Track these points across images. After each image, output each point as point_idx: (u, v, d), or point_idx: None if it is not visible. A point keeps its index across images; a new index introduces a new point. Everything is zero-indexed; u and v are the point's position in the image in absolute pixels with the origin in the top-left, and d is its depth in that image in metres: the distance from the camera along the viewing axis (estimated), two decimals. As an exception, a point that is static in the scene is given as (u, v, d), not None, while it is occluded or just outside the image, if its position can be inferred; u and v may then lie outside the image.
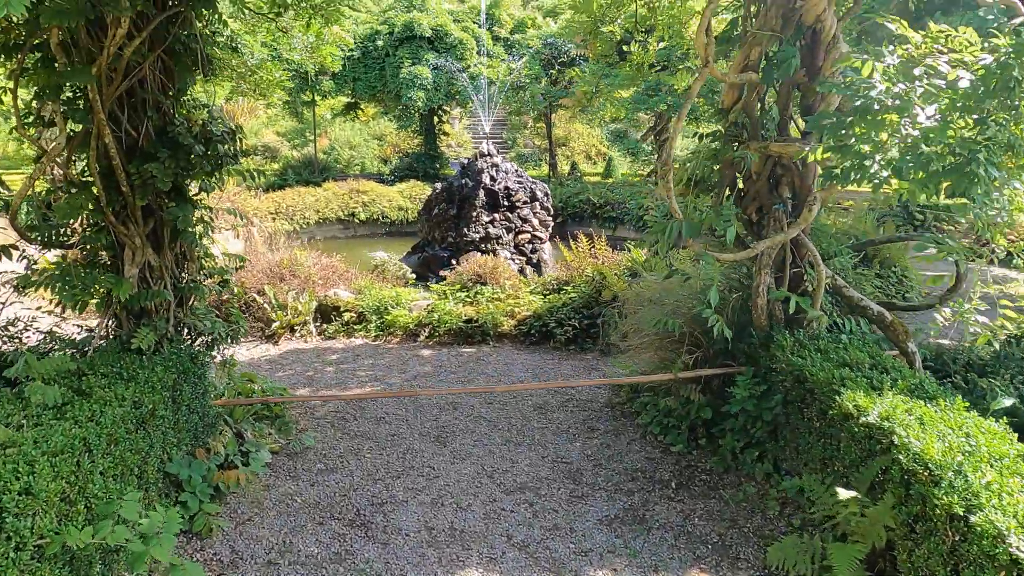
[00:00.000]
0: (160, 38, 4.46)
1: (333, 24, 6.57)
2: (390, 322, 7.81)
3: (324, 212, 19.54)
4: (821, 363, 4.15)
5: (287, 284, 8.22)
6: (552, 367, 6.93)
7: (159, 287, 4.69)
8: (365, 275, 8.88)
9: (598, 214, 21.00)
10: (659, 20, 7.51)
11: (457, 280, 8.50)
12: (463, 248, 14.48)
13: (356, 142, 31.15)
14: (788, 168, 4.98)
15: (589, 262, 8.42)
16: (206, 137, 4.51)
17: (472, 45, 22.16)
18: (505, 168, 15.18)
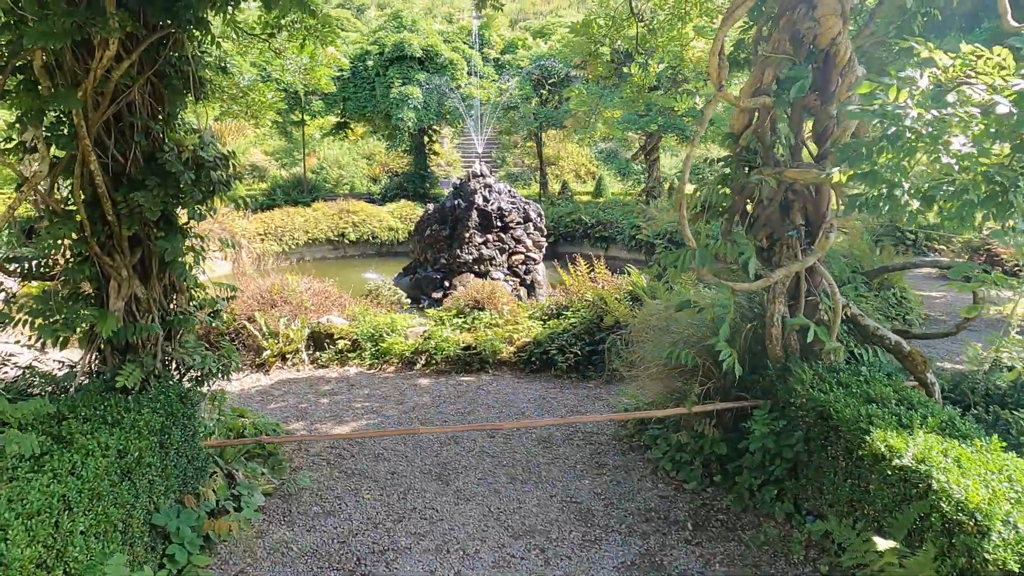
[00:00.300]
0: (150, 60, 4.26)
1: (328, 45, 6.40)
2: (385, 350, 7.56)
3: (313, 233, 19.29)
4: (845, 399, 3.97)
5: (278, 310, 7.96)
6: (555, 396, 6.71)
7: (146, 321, 4.45)
8: (359, 300, 8.64)
9: (590, 234, 20.90)
10: (659, 42, 7.42)
11: (454, 305, 8.29)
12: (456, 270, 14.29)
13: (345, 161, 31.01)
14: (800, 194, 4.84)
15: (589, 286, 8.24)
16: (197, 163, 4.29)
17: (462, 65, 22.15)
18: (498, 188, 15.05)
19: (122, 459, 3.29)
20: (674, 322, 5.65)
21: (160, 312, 4.58)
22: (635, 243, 19.87)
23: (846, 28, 4.28)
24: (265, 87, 6.90)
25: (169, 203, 4.26)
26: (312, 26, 6.30)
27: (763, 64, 4.52)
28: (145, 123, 4.26)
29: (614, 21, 6.96)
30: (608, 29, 6.95)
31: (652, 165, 23.77)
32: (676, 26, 7.25)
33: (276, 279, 8.46)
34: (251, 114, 7.18)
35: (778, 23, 4.48)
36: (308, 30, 6.31)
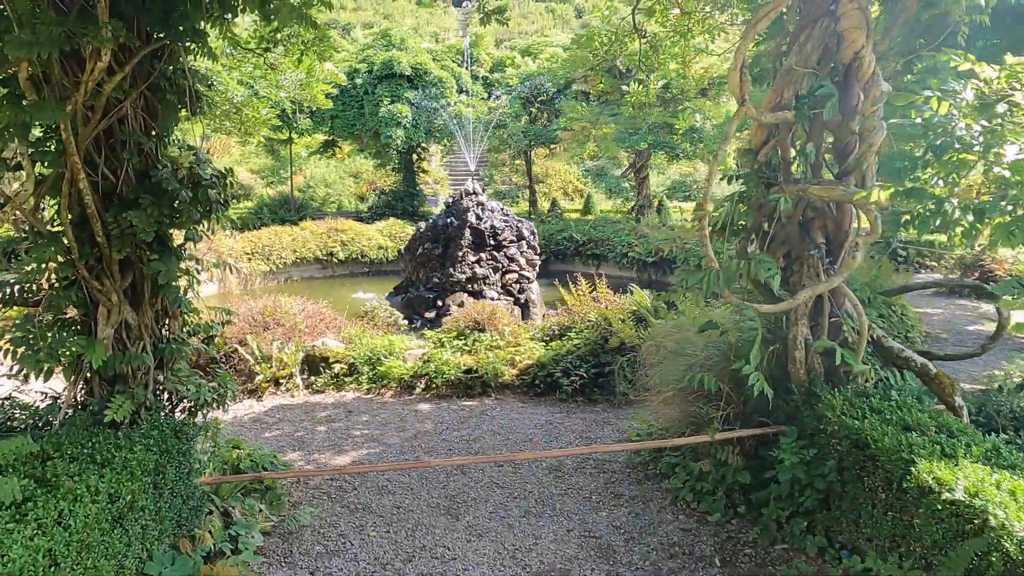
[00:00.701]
0: (143, 73, 4.03)
1: (326, 60, 6.21)
2: (383, 373, 7.29)
3: (302, 252, 18.97)
4: (881, 426, 3.78)
5: (271, 333, 7.66)
6: (561, 421, 6.47)
7: (137, 349, 4.17)
8: (354, 322, 8.36)
9: (581, 251, 20.80)
10: (661, 59, 7.31)
11: (453, 327, 8.04)
12: (449, 289, 14.04)
13: (332, 180, 30.74)
14: (821, 212, 4.69)
15: (592, 306, 8.04)
16: (194, 181, 4.05)
17: (452, 83, 22.09)
18: (491, 206, 14.89)
19: (113, 504, 3.00)
20: (689, 344, 5.45)
21: (152, 339, 4.30)
22: (627, 260, 19.78)
23: (869, 42, 4.16)
24: (260, 103, 6.67)
25: (164, 223, 4.01)
26: (309, 41, 6.11)
27: (783, 79, 4.39)
28: (138, 139, 4.02)
29: (616, 36, 6.83)
30: (610, 44, 6.82)
31: (642, 183, 23.80)
32: (677, 43, 7.15)
33: (268, 301, 8.16)
34: (245, 131, 6.95)
35: (798, 37, 4.35)
36: (305, 45, 6.12)
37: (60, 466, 3.13)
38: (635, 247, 19.57)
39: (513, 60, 24.69)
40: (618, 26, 7.13)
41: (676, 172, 33.83)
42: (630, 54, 7.31)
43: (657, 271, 19.46)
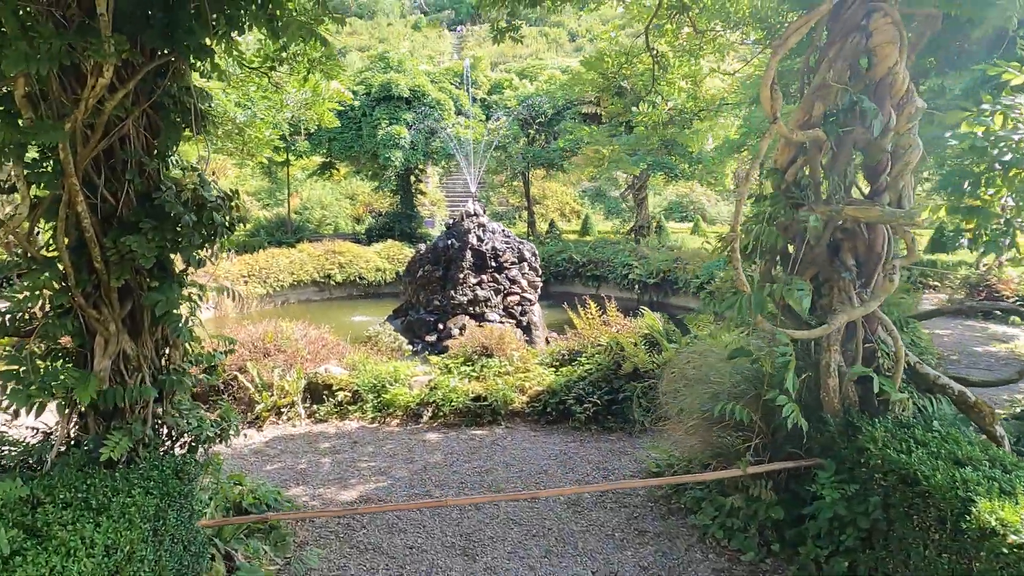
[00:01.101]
0: (146, 91, 3.84)
1: (332, 79, 6.05)
2: (389, 401, 7.03)
3: (299, 274, 18.73)
4: (930, 460, 3.56)
5: (272, 360, 7.40)
6: (576, 451, 6.21)
7: (136, 381, 3.92)
8: (357, 347, 8.10)
9: (581, 273, 20.64)
10: (670, 78, 7.19)
11: (460, 352, 7.79)
12: (450, 311, 13.81)
13: (328, 201, 30.64)
14: (851, 233, 4.51)
15: (603, 330, 7.82)
16: (198, 204, 3.84)
17: (450, 106, 22.08)
18: (492, 228, 14.73)
19: (110, 557, 2.74)
20: (713, 371, 5.24)
21: (152, 370, 4.06)
22: (627, 282, 19.62)
23: (903, 57, 4.02)
24: (263, 124, 6.49)
25: (166, 248, 3.78)
26: (316, 59, 5.95)
27: (813, 96, 4.24)
28: (139, 159, 3.81)
29: (627, 57, 6.71)
30: (620, 65, 6.70)
31: (641, 204, 23.74)
32: (687, 63, 7.03)
33: (269, 326, 7.90)
34: (247, 152, 6.75)
35: (827, 52, 4.21)
36: (312, 63, 5.96)
37: (52, 513, 2.87)
38: (636, 268, 19.43)
39: (511, 82, 24.74)
40: (627, 46, 7.02)
41: (673, 193, 33.92)
42: (639, 75, 7.18)
43: (658, 292, 19.29)
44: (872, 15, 4.00)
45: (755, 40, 7.09)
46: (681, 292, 18.62)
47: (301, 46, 5.78)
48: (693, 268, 18.20)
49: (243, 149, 6.44)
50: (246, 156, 6.60)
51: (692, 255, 18.94)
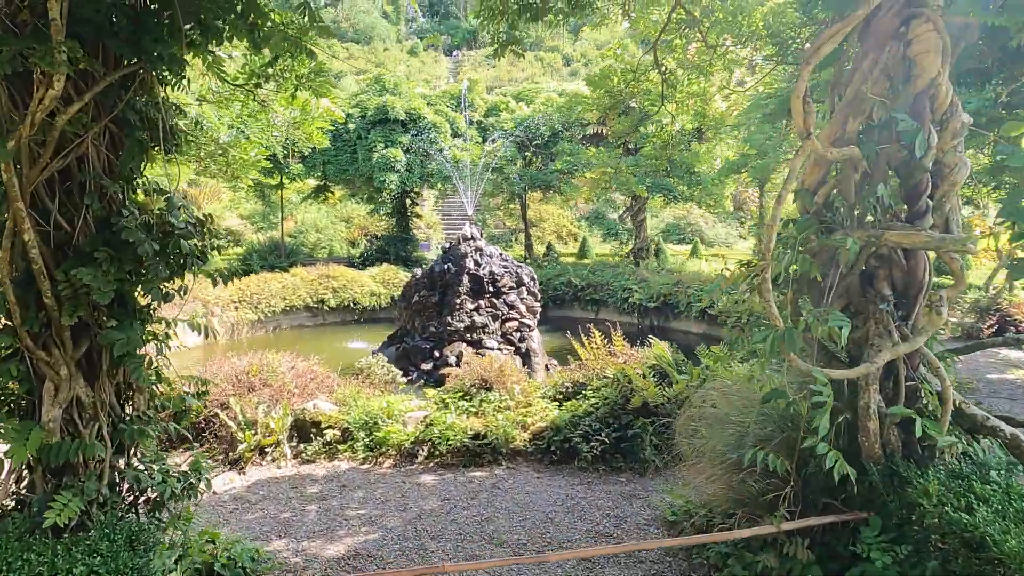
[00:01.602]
0: (108, 105, 3.44)
1: (322, 97, 5.67)
2: (381, 440, 6.54)
3: (291, 299, 18.28)
4: (998, 521, 3.11)
5: (256, 395, 6.92)
6: (583, 495, 5.73)
7: (91, 432, 3.46)
8: (348, 380, 7.61)
9: (580, 297, 20.25)
10: (679, 97, 6.85)
11: (458, 385, 7.32)
12: (447, 338, 13.36)
13: (323, 225, 30.28)
14: (887, 260, 4.11)
15: (609, 360, 7.38)
16: (164, 231, 3.42)
17: (446, 128, 21.84)
18: (489, 252, 14.34)
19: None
20: (735, 410, 4.79)
21: (111, 419, 3.60)
22: (627, 306, 19.22)
23: (946, 68, 3.65)
24: (248, 144, 6.10)
25: (126, 281, 3.35)
26: (304, 75, 5.58)
27: (847, 110, 3.86)
28: (99, 182, 3.40)
29: (634, 75, 6.38)
30: (628, 82, 6.35)
31: (639, 226, 23.44)
32: (696, 80, 6.70)
33: (255, 358, 7.43)
34: (231, 173, 6.35)
35: (861, 63, 3.85)
36: (300, 79, 5.58)
37: (-27, 601, 2.40)
38: (636, 292, 19.04)
39: (507, 105, 24.55)
40: (633, 64, 6.69)
41: (670, 215, 33.70)
42: (646, 93, 6.83)
43: (659, 316, 18.89)
44: (911, 22, 3.64)
45: (765, 56, 6.77)
46: (683, 316, 18.22)
47: (289, 62, 5.41)
48: (694, 292, 17.83)
49: (227, 171, 6.03)
50: (230, 178, 6.19)
51: (693, 278, 18.58)
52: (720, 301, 16.58)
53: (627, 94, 6.30)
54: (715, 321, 17.18)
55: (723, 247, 31.90)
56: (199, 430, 6.92)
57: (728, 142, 21.77)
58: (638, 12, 6.07)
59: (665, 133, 6.53)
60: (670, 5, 5.98)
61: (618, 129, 6.05)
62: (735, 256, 27.80)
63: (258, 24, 3.99)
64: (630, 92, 6.19)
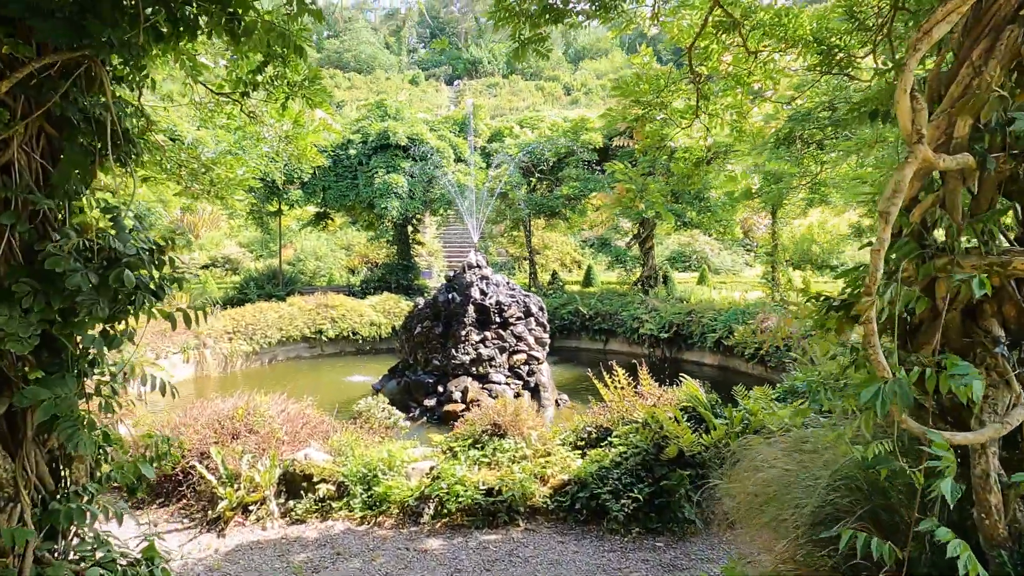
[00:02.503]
0: (42, 102, 2.75)
1: (316, 107, 5.02)
2: (381, 496, 5.74)
3: (288, 330, 17.53)
4: None
5: (242, 442, 6.13)
6: (618, 566, 4.91)
7: (10, 515, 2.69)
8: (345, 425, 6.81)
9: (588, 326, 19.50)
10: (712, 109, 6.20)
11: (468, 431, 6.52)
12: (451, 372, 12.59)
13: (323, 252, 29.70)
14: (999, 292, 3.38)
15: (636, 403, 6.60)
16: (108, 258, 2.69)
17: (449, 153, 21.32)
18: (496, 280, 13.63)
19: None
20: (803, 471, 4.02)
21: (39, 497, 2.84)
22: (637, 336, 18.47)
23: (1080, 56, 2.97)
24: (235, 161, 5.43)
25: (56, 323, 2.62)
26: (297, 83, 4.93)
27: (951, 110, 3.17)
28: (27, 198, 2.68)
29: (667, 81, 5.73)
30: (660, 90, 5.70)
31: (647, 253, 22.78)
32: (733, 91, 6.05)
33: (240, 401, 6.65)
34: (216, 193, 5.68)
35: (970, 54, 3.17)
36: (292, 87, 4.93)
37: None
38: (647, 322, 18.28)
39: (511, 130, 24.10)
40: (663, 72, 6.05)
41: (675, 242, 33.10)
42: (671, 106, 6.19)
43: (671, 347, 18.12)
44: (1036, 1, 2.97)
45: (808, 66, 6.13)
46: (696, 347, 17.44)
47: (280, 68, 4.75)
48: (708, 321, 17.08)
49: (212, 191, 5.38)
50: (215, 198, 5.53)
51: (706, 307, 17.83)
52: (737, 331, 15.84)
53: (656, 104, 5.64)
54: (731, 352, 16.39)
55: (729, 274, 31.24)
56: (176, 483, 6.13)
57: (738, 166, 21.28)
58: (670, 13, 5.44)
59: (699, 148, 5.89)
60: (705, 7, 5.36)
61: (648, 142, 5.49)
62: (742, 284, 27.11)
63: (238, 13, 3.33)
64: (660, 102, 5.52)
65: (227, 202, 5.63)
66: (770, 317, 15.71)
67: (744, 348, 15.52)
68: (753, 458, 4.47)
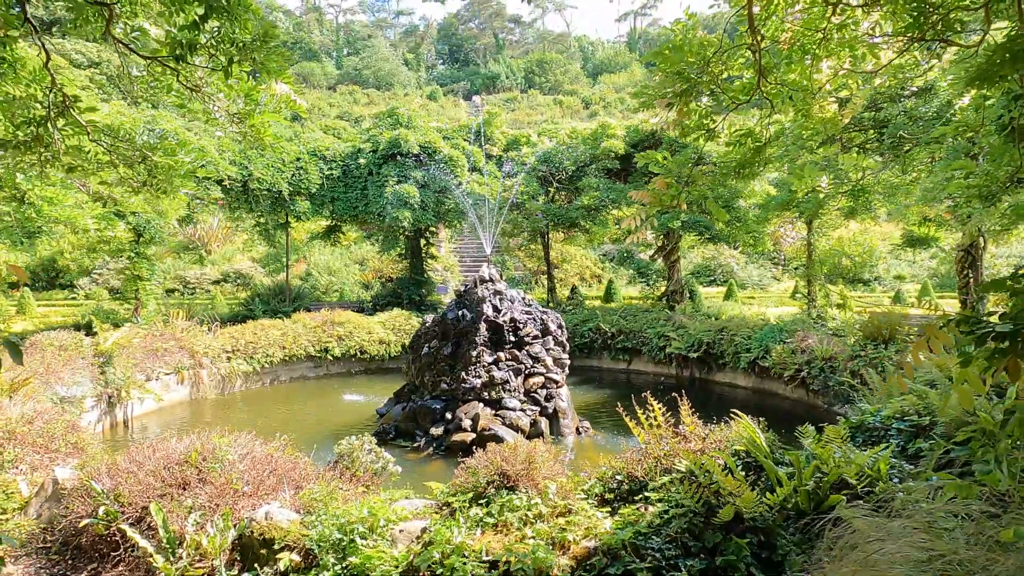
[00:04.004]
0: None
1: (274, 78, 3.94)
2: (358, 569, 4.55)
3: (291, 348, 16.52)
4: None
5: (191, 495, 4.99)
6: None
7: None
8: (321, 473, 5.62)
9: (610, 344, 18.24)
10: (772, 89, 5.00)
11: (470, 483, 5.29)
12: (460, 397, 11.41)
13: (336, 267, 28.85)
14: None
15: (677, 447, 5.35)
16: None
17: (463, 163, 20.30)
18: (510, 296, 12.46)
19: None
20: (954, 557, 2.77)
21: None
22: (663, 355, 17.17)
23: None
24: (178, 146, 4.34)
25: None
26: (246, 45, 3.83)
27: None
28: None
29: (717, 48, 4.56)
30: (708, 59, 4.53)
31: (673, 266, 21.51)
32: (802, 62, 4.86)
33: (196, 441, 5.50)
34: (156, 187, 4.60)
35: None
36: (240, 49, 3.83)
37: None
38: (674, 340, 16.97)
39: (528, 138, 23.04)
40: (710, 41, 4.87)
41: (698, 255, 31.73)
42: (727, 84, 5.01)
43: (700, 368, 16.79)
44: None
45: (894, 31, 4.92)
46: (728, 368, 16.10)
47: (225, 24, 3.67)
48: (741, 340, 15.73)
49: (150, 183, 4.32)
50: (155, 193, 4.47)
51: (738, 324, 16.48)
52: (774, 351, 14.49)
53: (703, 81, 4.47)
54: (767, 374, 15.01)
55: (757, 288, 29.76)
56: (113, 544, 4.99)
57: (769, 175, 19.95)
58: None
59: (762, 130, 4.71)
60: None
61: (692, 124, 4.47)
62: (771, 298, 25.63)
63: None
64: (713, 74, 4.35)
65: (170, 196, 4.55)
66: (810, 335, 14.34)
67: (783, 369, 14.17)
68: (860, 541, 3.21)
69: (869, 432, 6.25)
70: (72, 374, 10.49)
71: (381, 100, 65.46)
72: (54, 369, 10.13)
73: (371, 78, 73.77)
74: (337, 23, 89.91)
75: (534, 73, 77.82)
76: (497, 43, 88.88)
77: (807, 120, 5.07)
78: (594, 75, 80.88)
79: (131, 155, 4.20)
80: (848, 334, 14.03)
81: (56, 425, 6.32)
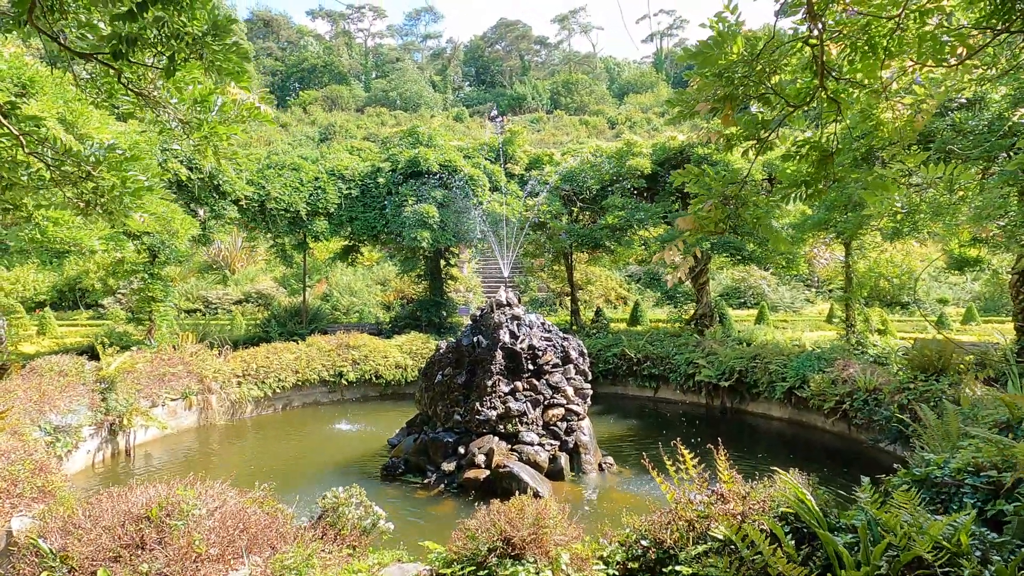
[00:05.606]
0: None
1: (231, 78, 3.34)
2: (331, 657, 3.84)
3: (304, 373, 15.96)
4: None
5: (148, 558, 4.34)
6: None
7: None
8: (300, 533, 4.90)
9: (636, 371, 17.33)
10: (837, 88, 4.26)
11: (466, 548, 4.55)
12: (474, 430, 10.66)
13: (357, 288, 28.45)
14: None
15: (712, 508, 4.55)
16: None
17: (484, 182, 19.74)
18: (528, 321, 11.71)
19: None
20: None
21: None
22: (693, 384, 16.22)
23: None
24: (131, 161, 3.76)
25: None
26: (196, 39, 3.22)
27: None
28: None
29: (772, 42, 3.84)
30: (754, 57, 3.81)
31: (701, 289, 20.57)
32: (868, 58, 4.10)
33: (160, 492, 4.86)
34: (104, 207, 4.02)
35: None
36: (188, 45, 3.22)
37: None
38: (703, 368, 16.03)
39: (551, 157, 22.43)
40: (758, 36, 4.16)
41: (727, 276, 30.64)
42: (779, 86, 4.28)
43: (732, 397, 15.79)
44: None
45: (974, 23, 4.16)
46: (762, 397, 15.08)
47: (170, 12, 3.07)
48: (776, 367, 14.74)
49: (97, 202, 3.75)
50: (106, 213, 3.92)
51: (772, 351, 15.49)
52: (812, 381, 13.50)
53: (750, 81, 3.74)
54: (804, 405, 13.98)
55: (789, 312, 28.49)
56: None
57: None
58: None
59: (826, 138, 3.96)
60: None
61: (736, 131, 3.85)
62: (804, 322, 24.44)
63: None
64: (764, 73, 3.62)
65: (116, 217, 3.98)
66: (851, 364, 13.33)
67: (823, 401, 13.15)
68: None
69: (937, 489, 5.37)
70: (69, 401, 10.02)
71: (407, 121, 65.80)
72: (49, 396, 9.66)
73: (398, 100, 74.42)
74: (366, 47, 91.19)
75: (560, 94, 77.74)
76: (523, 64, 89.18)
77: (879, 128, 4.29)
78: (620, 95, 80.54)
79: (73, 172, 3.63)
80: (892, 362, 12.99)
81: (22, 466, 5.75)
